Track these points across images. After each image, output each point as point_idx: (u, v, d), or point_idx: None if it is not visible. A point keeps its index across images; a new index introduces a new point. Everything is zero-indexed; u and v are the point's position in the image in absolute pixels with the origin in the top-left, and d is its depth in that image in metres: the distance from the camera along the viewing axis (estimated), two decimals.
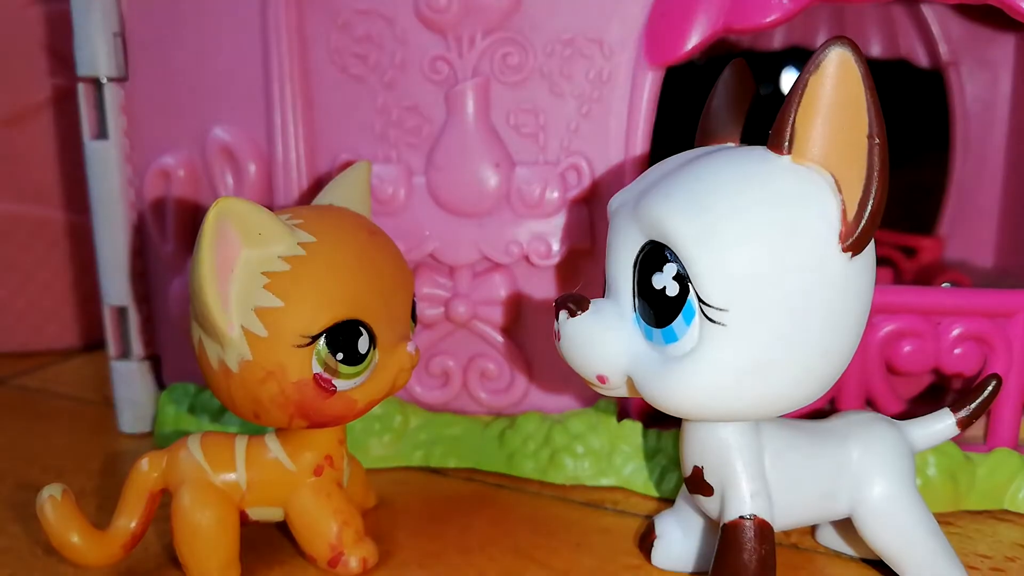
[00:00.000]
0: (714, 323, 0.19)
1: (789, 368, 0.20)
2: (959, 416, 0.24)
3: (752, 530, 0.22)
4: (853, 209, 0.19)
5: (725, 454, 0.22)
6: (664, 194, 0.20)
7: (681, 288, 0.20)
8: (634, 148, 0.29)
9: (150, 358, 0.36)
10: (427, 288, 0.31)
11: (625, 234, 0.21)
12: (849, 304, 0.20)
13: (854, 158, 0.19)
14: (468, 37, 0.29)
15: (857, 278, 0.20)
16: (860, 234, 0.19)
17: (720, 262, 0.19)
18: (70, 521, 0.24)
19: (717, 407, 0.20)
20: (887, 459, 0.23)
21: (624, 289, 0.21)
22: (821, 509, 0.23)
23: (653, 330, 0.20)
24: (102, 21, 0.32)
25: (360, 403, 0.24)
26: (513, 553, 0.26)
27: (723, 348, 0.19)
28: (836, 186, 0.19)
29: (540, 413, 0.31)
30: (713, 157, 0.20)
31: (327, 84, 0.30)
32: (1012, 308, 0.28)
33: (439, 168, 0.30)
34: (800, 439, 0.23)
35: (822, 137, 0.19)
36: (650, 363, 0.21)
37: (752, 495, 0.22)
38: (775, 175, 0.19)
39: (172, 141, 0.33)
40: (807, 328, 0.20)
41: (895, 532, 0.23)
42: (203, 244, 0.21)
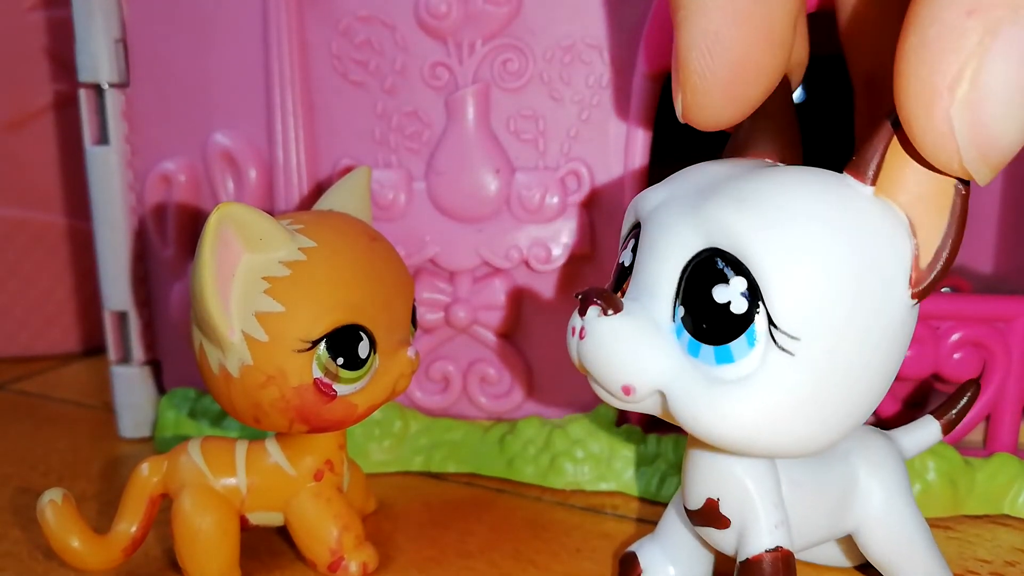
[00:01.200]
0: (782, 350, 0.18)
1: (838, 406, 0.18)
2: (943, 421, 0.25)
3: (777, 563, 0.20)
4: (928, 256, 0.18)
5: (743, 485, 0.20)
6: (736, 200, 0.18)
7: (750, 306, 0.18)
8: (634, 154, 0.29)
9: (150, 363, 0.36)
10: (427, 293, 0.31)
11: (673, 235, 0.19)
12: (900, 349, 0.19)
13: (938, 204, 0.18)
14: (468, 43, 0.29)
15: (911, 324, 0.19)
16: (931, 282, 0.18)
17: (800, 285, 0.17)
18: (71, 526, 0.24)
19: (762, 440, 0.18)
20: (887, 473, 0.23)
21: (663, 295, 0.19)
22: (831, 529, 0.23)
23: (701, 346, 0.18)
24: (103, 27, 0.32)
25: (360, 408, 0.24)
26: (513, 558, 0.26)
27: (785, 379, 0.18)
28: (912, 229, 0.18)
29: (540, 418, 0.31)
30: (789, 171, 0.19)
31: (328, 90, 0.30)
32: (1011, 313, 0.28)
33: (439, 173, 0.30)
34: (812, 463, 0.22)
35: (912, 177, 0.18)
36: (693, 382, 0.18)
37: (775, 526, 0.20)
38: (858, 204, 0.18)
39: (173, 146, 0.33)
40: (864, 367, 0.18)
41: (895, 542, 0.23)
42: (204, 249, 0.21)
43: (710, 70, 0.19)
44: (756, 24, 0.18)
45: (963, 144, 0.16)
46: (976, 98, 0.16)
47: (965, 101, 0.16)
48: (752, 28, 0.18)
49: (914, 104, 0.16)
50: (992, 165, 0.16)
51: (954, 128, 0.16)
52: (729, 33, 0.18)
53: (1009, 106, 0.16)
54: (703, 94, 0.19)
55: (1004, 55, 0.15)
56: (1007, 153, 0.16)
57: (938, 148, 0.16)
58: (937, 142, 0.16)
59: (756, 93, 0.19)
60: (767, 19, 0.18)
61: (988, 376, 0.29)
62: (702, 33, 0.19)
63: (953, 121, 0.16)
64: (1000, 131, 0.16)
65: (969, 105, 0.16)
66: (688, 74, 0.19)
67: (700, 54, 0.19)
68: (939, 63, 0.16)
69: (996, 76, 0.16)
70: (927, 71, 0.16)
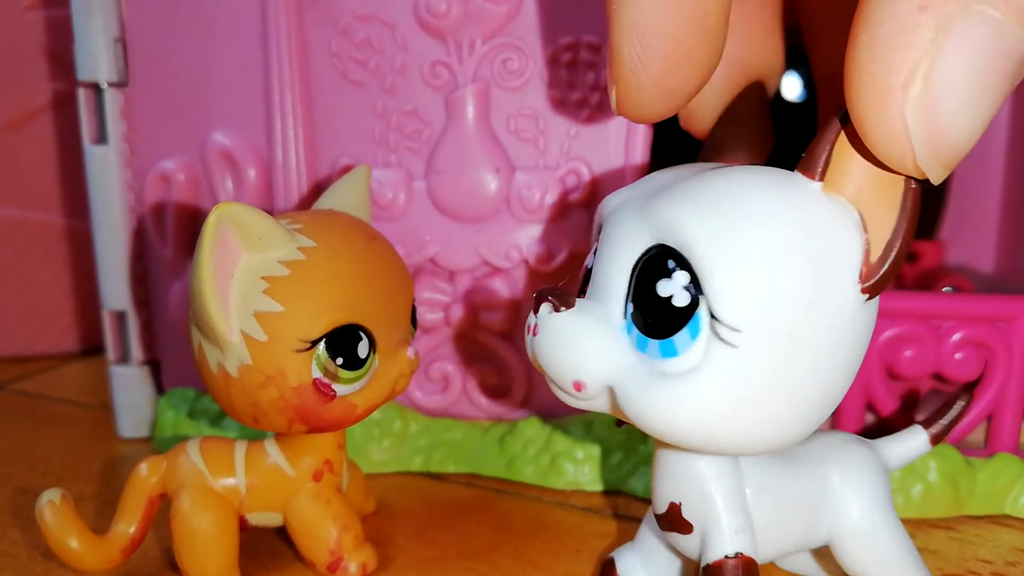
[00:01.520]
0: (724, 342, 0.18)
1: (789, 402, 0.18)
2: (931, 432, 0.24)
3: (738, 570, 0.20)
4: (878, 251, 0.18)
5: (705, 488, 0.20)
6: (684, 197, 0.18)
7: (692, 299, 0.18)
8: (634, 153, 0.29)
9: (149, 363, 0.36)
10: (427, 293, 0.31)
11: (626, 234, 0.19)
12: (853, 347, 0.19)
13: (888, 199, 0.18)
14: (468, 42, 0.29)
15: (866, 322, 0.19)
16: (881, 277, 0.18)
17: (741, 278, 0.17)
18: (69, 526, 0.24)
19: (707, 434, 0.18)
20: (864, 482, 0.22)
21: (615, 292, 0.19)
22: (802, 538, 0.22)
23: (648, 340, 0.19)
24: (102, 26, 0.32)
25: (360, 408, 0.24)
26: (513, 558, 0.26)
27: (729, 371, 0.18)
28: (863, 224, 0.18)
29: (540, 418, 0.31)
30: (738, 170, 0.19)
31: (327, 89, 0.30)
32: (1013, 313, 0.28)
33: (439, 173, 0.30)
34: (779, 467, 0.22)
35: (859, 172, 0.18)
36: (639, 377, 0.18)
37: (736, 531, 0.20)
38: (806, 199, 0.18)
39: (172, 146, 0.33)
40: (811, 363, 0.18)
41: (872, 556, 0.22)
42: (203, 249, 0.21)
43: (642, 63, 0.19)
44: (687, 15, 0.18)
45: (917, 142, 0.16)
46: (930, 96, 0.15)
47: (919, 99, 0.15)
48: (683, 19, 0.18)
49: (866, 102, 0.16)
50: (946, 163, 0.16)
51: (908, 126, 0.16)
52: (660, 25, 0.18)
53: (963, 103, 0.16)
54: (636, 88, 0.19)
55: (958, 52, 0.15)
56: (961, 150, 0.16)
57: (891, 147, 0.16)
58: (890, 140, 0.16)
59: (689, 86, 0.19)
60: (699, 9, 0.18)
61: (989, 376, 0.29)
62: (633, 25, 0.18)
63: (907, 119, 0.16)
64: (954, 129, 0.16)
65: (923, 103, 0.15)
66: (621, 67, 0.19)
67: (632, 47, 0.19)
68: (891, 60, 0.16)
69: (950, 73, 0.15)
70: (879, 68, 0.16)
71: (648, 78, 0.19)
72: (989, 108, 0.16)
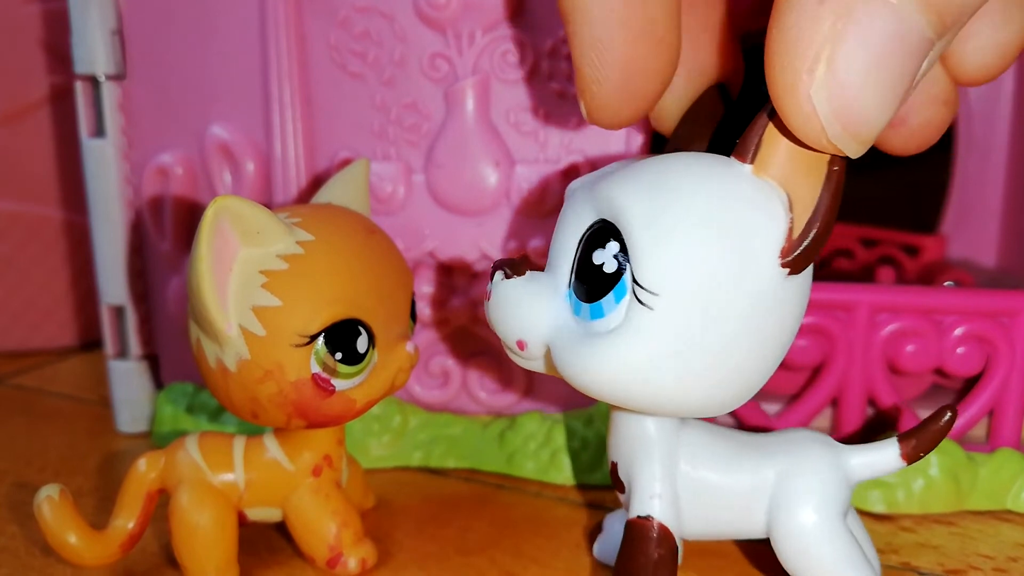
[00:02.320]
0: (643, 305, 0.19)
1: (706, 368, 0.20)
2: (906, 448, 0.22)
3: (650, 531, 0.22)
4: (799, 229, 0.19)
5: (637, 451, 0.22)
6: (623, 177, 0.20)
7: (619, 266, 0.20)
8: (634, 146, 0.29)
9: (148, 357, 0.35)
10: (427, 287, 0.31)
11: (577, 212, 0.21)
12: (775, 320, 0.20)
13: (811, 180, 0.19)
14: (468, 34, 0.29)
15: (789, 299, 0.20)
16: (801, 253, 0.19)
17: (660, 246, 0.19)
18: (68, 521, 0.24)
19: (627, 390, 0.20)
20: (813, 485, 0.22)
21: (563, 265, 0.21)
22: (734, 524, 0.23)
23: (582, 305, 0.20)
24: (100, 19, 0.32)
25: (359, 403, 0.24)
26: (513, 554, 0.26)
27: (646, 331, 0.19)
28: (789, 204, 0.19)
29: (540, 413, 0.31)
30: (678, 155, 0.21)
31: (326, 82, 0.30)
32: (1015, 308, 0.28)
33: (439, 166, 0.30)
34: (721, 448, 0.22)
35: (786, 154, 0.19)
36: (571, 336, 0.20)
37: (653, 496, 0.22)
38: (732, 179, 0.20)
39: (170, 139, 0.33)
40: (729, 331, 0.19)
41: (808, 563, 0.22)
42: (201, 242, 0.21)
43: (602, 75, 0.20)
44: (637, 27, 0.20)
45: (827, 122, 0.17)
46: (834, 79, 0.17)
47: (823, 82, 0.17)
48: (634, 31, 0.20)
49: (779, 87, 0.18)
50: (860, 139, 0.18)
51: (816, 108, 0.17)
52: (613, 38, 0.20)
53: (866, 84, 0.17)
54: (601, 98, 0.21)
55: (856, 37, 0.17)
56: (873, 127, 0.18)
57: (805, 127, 0.18)
58: (803, 121, 0.18)
59: (649, 91, 0.21)
60: (647, 21, 0.20)
61: (991, 371, 0.29)
62: (589, 41, 0.20)
63: (814, 101, 0.17)
64: (861, 107, 0.17)
65: (827, 85, 0.17)
66: (584, 81, 0.21)
67: (590, 61, 0.20)
68: (797, 48, 0.17)
69: (850, 57, 0.17)
70: (788, 56, 0.17)
71: (609, 88, 0.21)
72: (895, 87, 0.17)
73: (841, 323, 0.28)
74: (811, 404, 0.29)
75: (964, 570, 0.25)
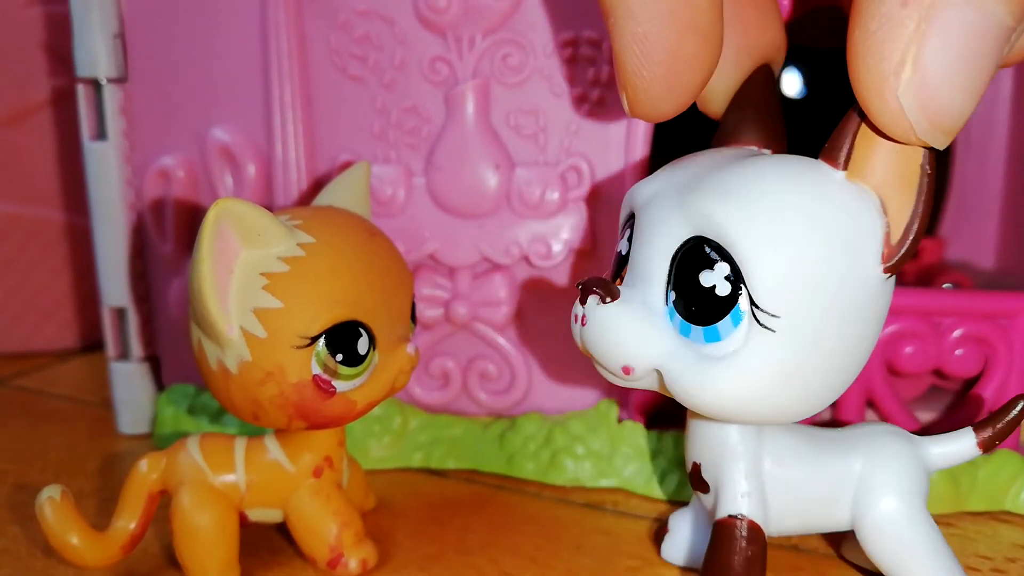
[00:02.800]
0: (764, 328, 0.19)
1: (819, 376, 0.20)
2: (981, 437, 0.23)
3: (741, 530, 0.22)
4: (898, 233, 0.19)
5: (723, 452, 0.22)
6: (718, 191, 0.20)
7: (733, 289, 0.20)
8: (634, 149, 0.29)
9: (149, 359, 0.36)
10: (427, 289, 0.31)
11: (664, 225, 0.21)
12: (876, 320, 0.21)
13: (906, 185, 0.19)
14: (468, 38, 0.29)
15: (886, 297, 0.21)
16: (902, 257, 0.20)
17: (777, 270, 0.19)
18: (69, 522, 0.24)
19: (750, 410, 0.20)
20: (894, 475, 0.23)
21: (655, 280, 0.21)
22: (820, 518, 0.23)
23: (692, 327, 0.20)
24: (101, 22, 0.32)
25: (360, 404, 0.24)
26: (513, 554, 0.26)
27: (769, 353, 0.20)
28: (883, 208, 0.20)
29: (540, 414, 0.31)
30: (769, 161, 0.20)
31: (326, 85, 0.30)
32: (1014, 309, 0.28)
33: (439, 169, 0.30)
34: (803, 445, 0.23)
35: (880, 160, 0.19)
36: (685, 360, 0.20)
37: (743, 495, 0.22)
38: (832, 189, 0.20)
39: (171, 142, 0.33)
40: (843, 339, 0.20)
41: (896, 550, 0.22)
42: (202, 245, 0.21)
43: (646, 68, 0.20)
44: (681, 20, 0.20)
45: (914, 119, 0.18)
46: (919, 79, 0.18)
47: (910, 82, 0.18)
48: (678, 24, 0.20)
49: (866, 90, 0.18)
50: (946, 131, 0.18)
51: (903, 107, 0.18)
52: (657, 32, 0.20)
53: (951, 80, 0.18)
54: (643, 91, 0.21)
55: (940, 37, 0.17)
56: (958, 118, 0.18)
57: (894, 125, 0.18)
58: (892, 120, 0.18)
59: (694, 83, 0.21)
60: (691, 13, 0.20)
61: (990, 373, 0.29)
62: (632, 35, 0.20)
63: (902, 101, 0.18)
64: (946, 102, 0.18)
65: (914, 85, 0.18)
66: (627, 75, 0.21)
67: (633, 55, 0.20)
68: (882, 52, 0.18)
69: (935, 56, 0.17)
70: (873, 60, 0.18)
71: (652, 81, 0.20)
72: (978, 81, 0.18)
73: None
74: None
75: None
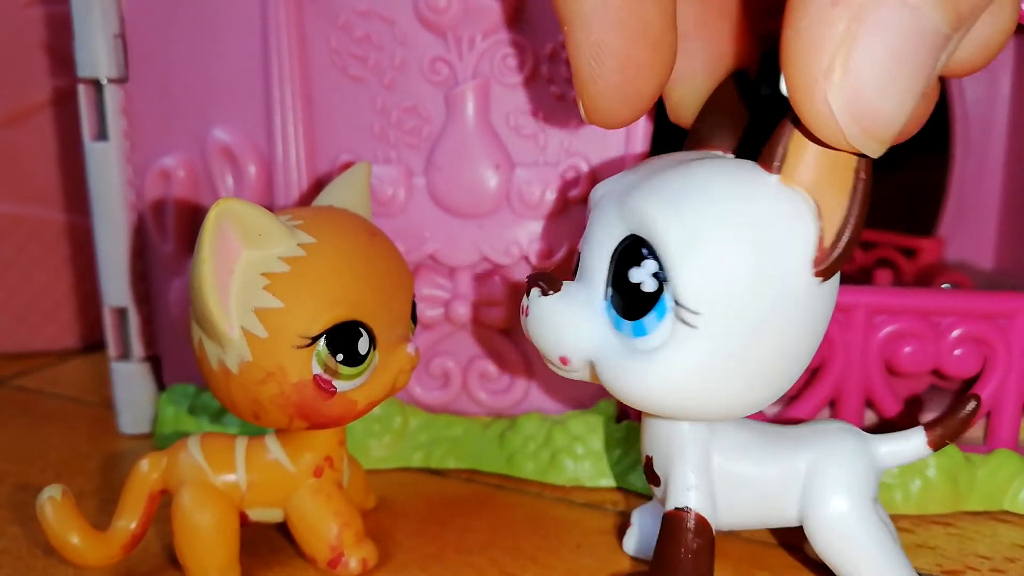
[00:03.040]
0: (685, 324, 0.20)
1: (746, 376, 0.20)
2: (932, 436, 0.23)
3: (688, 523, 0.22)
4: (831, 237, 0.20)
5: (672, 446, 0.23)
6: (653, 192, 0.20)
7: (658, 286, 0.20)
8: (634, 149, 0.29)
9: (150, 359, 0.36)
10: (427, 289, 0.31)
11: (607, 223, 0.21)
12: (809, 324, 0.21)
13: (840, 189, 0.19)
14: (468, 38, 0.29)
15: (820, 302, 0.20)
16: (833, 261, 0.20)
17: (699, 269, 0.19)
18: (70, 522, 0.24)
19: (674, 404, 0.21)
20: (843, 472, 0.23)
21: (597, 276, 0.21)
22: (769, 513, 0.23)
23: (623, 321, 0.21)
24: (102, 22, 0.32)
25: (360, 404, 0.24)
26: (513, 554, 0.26)
27: (690, 349, 0.20)
28: (818, 212, 0.20)
29: (540, 414, 0.31)
30: (705, 164, 0.21)
31: (327, 85, 0.30)
32: (1012, 309, 0.28)
33: (439, 169, 0.30)
34: (754, 441, 0.23)
35: (813, 164, 0.19)
36: (615, 352, 0.21)
37: (690, 488, 0.22)
38: (763, 193, 0.20)
39: (172, 142, 0.33)
40: (769, 341, 0.20)
41: (844, 548, 0.23)
42: (203, 245, 0.21)
43: (600, 76, 0.20)
44: (632, 28, 0.20)
45: (844, 124, 0.18)
46: (850, 81, 0.17)
47: (840, 86, 0.17)
48: (629, 32, 0.20)
49: (797, 92, 0.18)
50: (878, 138, 0.18)
51: (833, 111, 0.17)
52: (609, 40, 0.20)
53: (883, 85, 0.17)
54: (598, 98, 0.21)
55: (870, 39, 0.17)
56: (893, 125, 0.18)
57: (824, 129, 0.18)
58: (822, 124, 0.18)
59: (647, 90, 0.21)
60: (641, 21, 0.20)
61: (989, 372, 0.29)
62: (586, 44, 0.20)
63: (831, 104, 0.17)
64: (877, 108, 0.17)
65: (844, 89, 0.17)
66: (582, 82, 0.21)
67: (587, 64, 0.20)
68: (812, 52, 0.17)
69: (865, 59, 0.17)
70: (803, 61, 0.17)
71: (606, 89, 0.21)
72: (911, 87, 0.17)
73: (839, 325, 0.28)
74: (809, 404, 0.29)
75: (962, 571, 0.26)
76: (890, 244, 0.44)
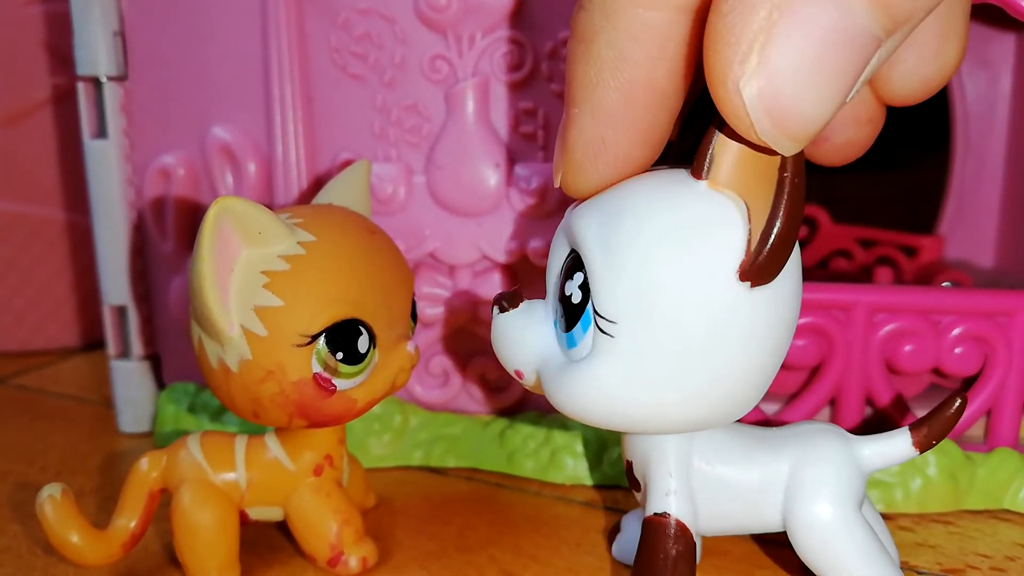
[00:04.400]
0: (604, 333, 0.20)
1: (678, 390, 0.20)
2: (917, 436, 0.23)
3: (668, 528, 0.22)
4: (755, 241, 0.19)
5: (651, 450, 0.22)
6: (588, 207, 0.21)
7: (583, 296, 0.20)
8: None
9: (150, 357, 0.36)
10: (427, 287, 0.31)
11: (560, 241, 0.22)
12: (748, 334, 0.20)
13: (766, 190, 0.19)
14: (468, 36, 0.29)
15: (758, 310, 0.19)
16: (758, 266, 0.19)
17: (616, 276, 0.19)
18: (69, 521, 0.24)
19: (605, 415, 0.20)
20: (826, 475, 0.22)
21: (552, 293, 0.22)
22: (752, 518, 0.23)
23: (561, 334, 0.21)
24: (102, 20, 0.32)
25: (360, 403, 0.24)
26: (513, 552, 0.26)
27: (612, 359, 0.20)
28: (748, 216, 0.19)
29: (540, 413, 0.31)
30: (642, 177, 0.20)
31: (327, 83, 0.30)
32: (1012, 308, 0.28)
33: (439, 167, 0.30)
34: (735, 443, 0.23)
35: (737, 165, 0.19)
36: (553, 365, 0.21)
37: (669, 493, 0.22)
38: (687, 199, 0.19)
39: (172, 140, 0.33)
40: (695, 350, 0.19)
41: (827, 552, 0.22)
42: (203, 243, 0.21)
43: (592, 165, 0.20)
44: (640, 130, 0.20)
45: (756, 116, 0.17)
46: (765, 71, 0.16)
47: (753, 74, 0.16)
48: (635, 134, 0.20)
49: (713, 77, 0.17)
50: (793, 136, 0.17)
51: (745, 100, 0.16)
52: (614, 139, 0.20)
53: (801, 79, 0.16)
54: (583, 179, 0.21)
55: (792, 30, 0.16)
56: (809, 124, 0.17)
57: (734, 118, 0.17)
58: (731, 111, 0.17)
59: (625, 175, 0.21)
60: (650, 126, 0.20)
61: (989, 371, 0.29)
62: (590, 135, 0.20)
63: (743, 92, 0.16)
64: (792, 103, 0.16)
65: (758, 78, 0.16)
66: (571, 162, 0.20)
67: (585, 152, 0.20)
68: (731, 37, 0.16)
69: (784, 51, 0.16)
70: (721, 46, 0.16)
71: (594, 175, 0.20)
72: (836, 84, 0.16)
73: (839, 323, 0.28)
74: (809, 404, 0.29)
75: (962, 569, 0.26)
76: (890, 242, 0.44)
